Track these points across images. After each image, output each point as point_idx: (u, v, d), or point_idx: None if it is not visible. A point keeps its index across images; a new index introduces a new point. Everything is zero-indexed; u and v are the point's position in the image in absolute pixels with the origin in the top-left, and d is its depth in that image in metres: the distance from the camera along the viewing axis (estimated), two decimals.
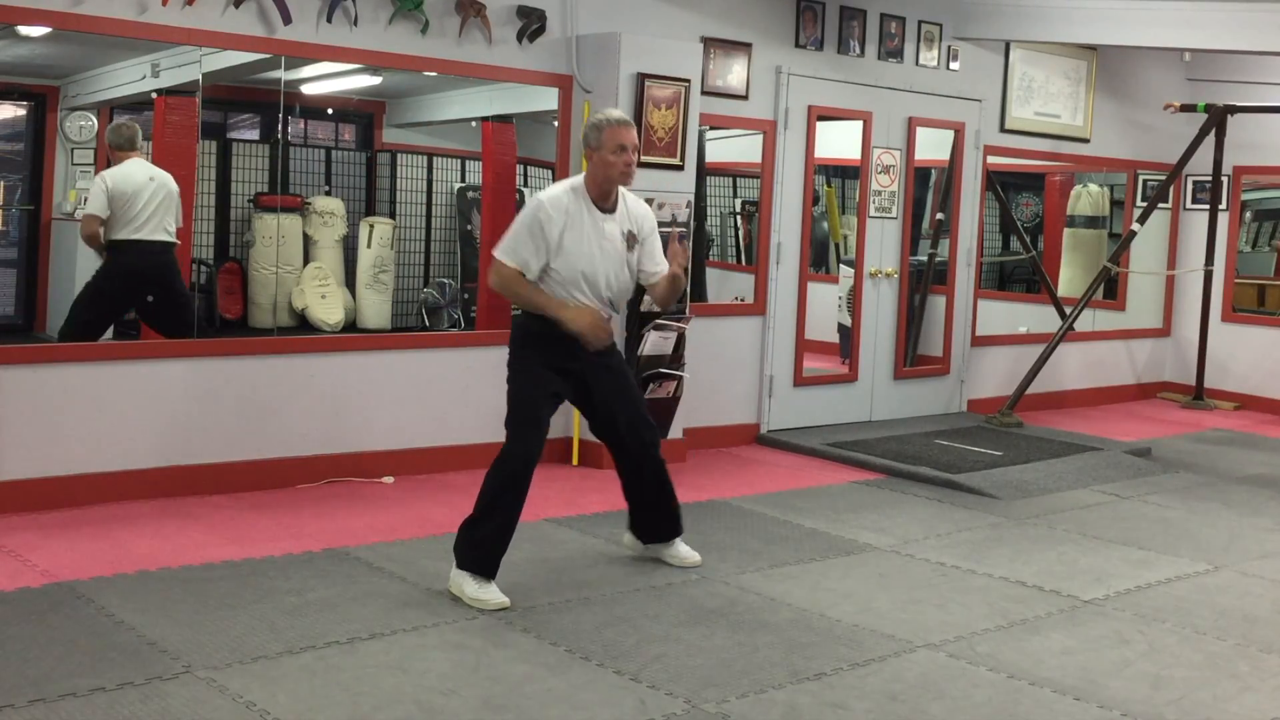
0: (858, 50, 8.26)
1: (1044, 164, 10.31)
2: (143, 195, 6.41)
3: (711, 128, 7.93)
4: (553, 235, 4.66)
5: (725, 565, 5.25)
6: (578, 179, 4.83)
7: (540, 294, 4.72)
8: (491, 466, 4.70)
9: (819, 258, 9.90)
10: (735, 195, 10.30)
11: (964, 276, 9.15)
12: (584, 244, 4.71)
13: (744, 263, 10.08)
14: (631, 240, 4.83)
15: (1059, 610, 4.87)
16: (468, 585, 4.60)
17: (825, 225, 10.09)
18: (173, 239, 6.52)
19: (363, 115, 9.24)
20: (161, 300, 6.64)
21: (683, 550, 5.24)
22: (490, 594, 4.58)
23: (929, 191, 9.42)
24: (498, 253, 4.73)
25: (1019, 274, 11.39)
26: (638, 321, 6.90)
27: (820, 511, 6.31)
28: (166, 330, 6.50)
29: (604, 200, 4.78)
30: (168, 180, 6.48)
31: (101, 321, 6.61)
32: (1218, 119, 9.70)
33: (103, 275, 6.54)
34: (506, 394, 4.79)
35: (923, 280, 9.11)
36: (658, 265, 4.93)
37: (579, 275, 4.72)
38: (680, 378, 7.07)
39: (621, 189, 4.85)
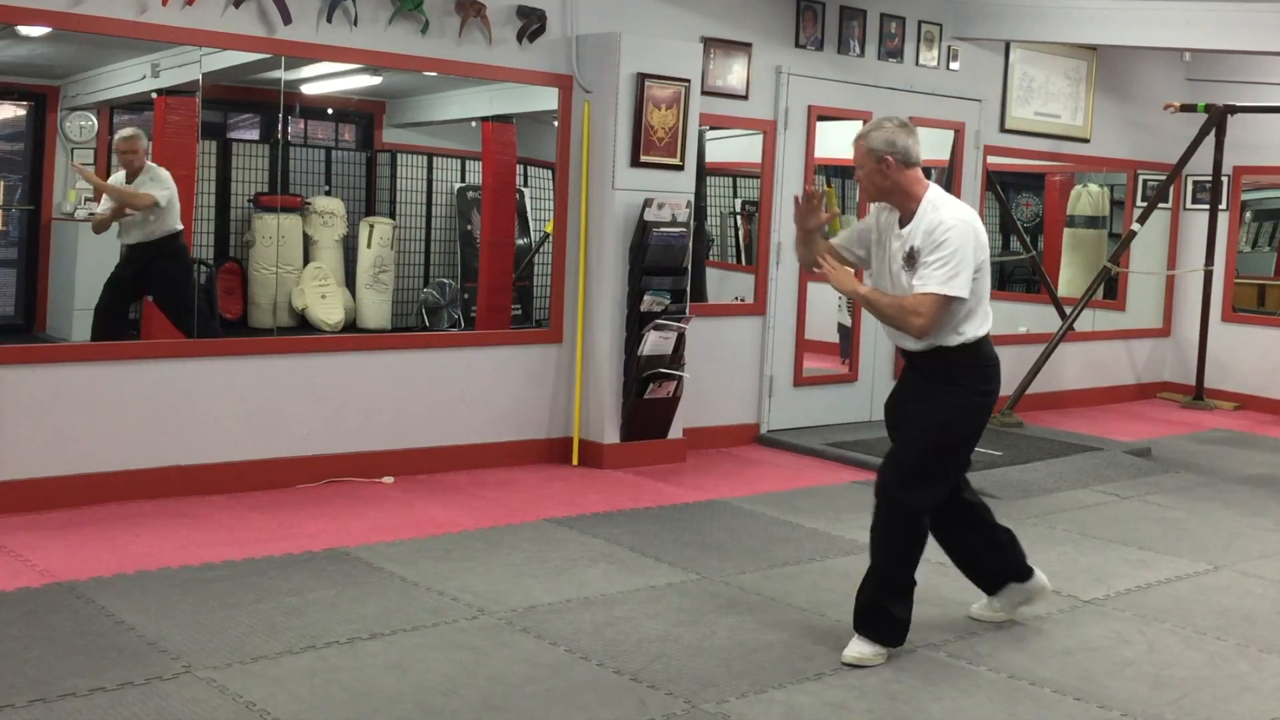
0: (858, 50, 8.26)
1: (1044, 164, 10.30)
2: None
3: (711, 128, 7.93)
4: (868, 238, 4.41)
5: (725, 565, 5.25)
6: None
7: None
8: (889, 531, 4.26)
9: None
10: (735, 195, 10.29)
11: None
12: (873, 258, 4.40)
13: (744, 263, 10.07)
14: (910, 260, 4.21)
15: (1059, 610, 4.87)
16: (875, 655, 4.22)
17: (825, 225, 10.04)
18: None
19: (363, 115, 9.23)
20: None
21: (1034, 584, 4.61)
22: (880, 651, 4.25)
23: None
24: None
25: (1019, 274, 11.39)
26: (638, 321, 6.90)
27: (820, 511, 6.31)
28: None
29: (899, 215, 4.29)
30: None
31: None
32: (1218, 119, 9.70)
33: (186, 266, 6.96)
34: (928, 435, 4.29)
35: None
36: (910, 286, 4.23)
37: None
38: (680, 378, 7.07)
39: (933, 200, 4.22)
